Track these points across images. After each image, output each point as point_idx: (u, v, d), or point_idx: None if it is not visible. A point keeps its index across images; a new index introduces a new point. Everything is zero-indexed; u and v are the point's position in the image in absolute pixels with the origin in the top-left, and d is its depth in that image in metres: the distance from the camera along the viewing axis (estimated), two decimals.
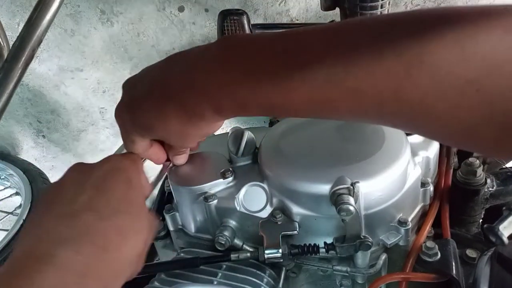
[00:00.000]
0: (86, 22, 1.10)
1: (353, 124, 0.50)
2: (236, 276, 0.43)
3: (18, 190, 1.18)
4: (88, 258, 0.27)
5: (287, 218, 0.43)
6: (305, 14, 1.07)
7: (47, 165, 1.44)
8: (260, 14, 1.07)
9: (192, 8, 1.07)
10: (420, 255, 0.43)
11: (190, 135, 0.35)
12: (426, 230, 0.46)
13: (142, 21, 1.09)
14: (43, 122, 1.33)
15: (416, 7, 1.04)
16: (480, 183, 0.48)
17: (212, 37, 1.11)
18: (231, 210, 0.45)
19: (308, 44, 0.27)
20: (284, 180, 0.42)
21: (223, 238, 0.44)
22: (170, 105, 0.32)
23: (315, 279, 0.48)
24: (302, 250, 0.43)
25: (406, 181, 0.44)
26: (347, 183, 0.39)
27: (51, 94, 1.25)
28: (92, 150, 1.40)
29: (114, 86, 1.21)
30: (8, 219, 1.20)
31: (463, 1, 1.02)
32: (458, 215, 0.49)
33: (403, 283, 0.41)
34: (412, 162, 0.45)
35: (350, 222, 0.40)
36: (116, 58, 1.16)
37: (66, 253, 0.27)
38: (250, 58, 0.28)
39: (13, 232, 0.97)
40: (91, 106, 1.28)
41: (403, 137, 0.46)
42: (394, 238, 0.43)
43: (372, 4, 0.58)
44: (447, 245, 0.43)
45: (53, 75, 1.21)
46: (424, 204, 0.48)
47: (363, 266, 0.44)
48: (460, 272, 0.41)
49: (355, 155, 0.43)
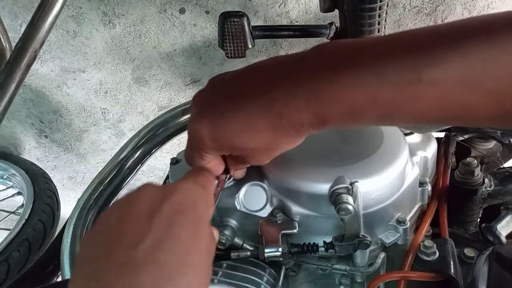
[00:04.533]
0: (88, 24, 1.10)
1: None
2: (236, 275, 0.43)
3: (20, 189, 1.19)
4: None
5: (287, 217, 0.43)
6: (305, 16, 1.08)
7: (49, 165, 1.45)
8: (260, 16, 1.08)
9: (193, 10, 1.07)
10: (418, 254, 0.43)
11: (277, 149, 0.33)
12: (424, 229, 0.46)
13: (143, 23, 1.10)
14: (45, 123, 1.34)
15: (414, 9, 1.04)
16: (478, 183, 0.48)
17: (213, 39, 1.12)
18: (231, 209, 0.45)
19: (436, 38, 0.24)
20: (284, 180, 0.43)
21: (223, 237, 0.45)
22: (264, 116, 0.29)
23: (315, 278, 0.49)
24: (302, 249, 0.43)
25: (405, 181, 0.44)
26: (346, 183, 0.39)
27: (53, 94, 1.26)
28: (94, 150, 1.41)
29: (116, 87, 1.22)
30: (10, 219, 1.20)
31: (462, 2, 1.02)
32: (456, 215, 0.50)
33: (401, 282, 0.41)
34: (410, 162, 0.46)
35: (349, 221, 0.40)
36: (118, 59, 1.17)
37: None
38: (364, 61, 0.26)
39: (15, 232, 0.97)
40: (93, 107, 1.28)
41: (401, 137, 0.47)
42: (392, 237, 0.44)
43: (371, 6, 0.59)
44: (445, 244, 0.44)
45: (55, 76, 1.21)
46: (422, 203, 0.49)
47: (362, 265, 0.44)
48: (458, 271, 0.41)
49: (354, 155, 0.43)
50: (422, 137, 0.51)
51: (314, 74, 0.27)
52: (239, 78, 0.32)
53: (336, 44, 0.28)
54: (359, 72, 0.26)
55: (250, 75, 0.31)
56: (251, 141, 0.31)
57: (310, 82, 0.27)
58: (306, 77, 0.28)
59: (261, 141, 0.31)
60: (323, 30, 0.71)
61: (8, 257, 0.91)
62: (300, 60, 0.29)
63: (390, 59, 0.25)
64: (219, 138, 0.32)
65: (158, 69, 1.18)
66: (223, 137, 0.32)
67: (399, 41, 0.26)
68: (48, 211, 1.06)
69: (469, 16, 0.26)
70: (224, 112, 0.31)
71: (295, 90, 0.28)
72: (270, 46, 1.13)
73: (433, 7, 1.04)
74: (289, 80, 0.28)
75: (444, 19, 1.05)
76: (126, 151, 0.72)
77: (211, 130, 0.32)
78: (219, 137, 0.32)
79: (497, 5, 1.02)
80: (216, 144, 0.32)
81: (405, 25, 1.07)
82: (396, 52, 0.25)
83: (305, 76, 0.28)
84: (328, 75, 0.27)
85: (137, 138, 0.73)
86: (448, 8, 1.03)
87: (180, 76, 1.21)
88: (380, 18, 0.61)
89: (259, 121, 0.29)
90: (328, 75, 0.27)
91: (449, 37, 0.24)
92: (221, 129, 0.31)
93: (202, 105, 0.33)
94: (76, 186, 1.52)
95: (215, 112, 0.31)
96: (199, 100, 0.34)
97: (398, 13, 1.05)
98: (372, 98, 0.26)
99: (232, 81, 0.32)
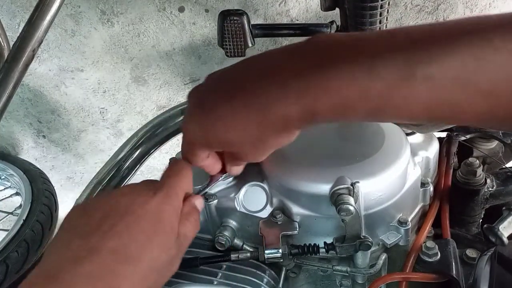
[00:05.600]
0: (86, 23, 1.10)
1: (353, 124, 0.50)
2: (236, 276, 0.43)
3: (18, 190, 1.18)
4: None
5: (287, 218, 0.43)
6: (305, 15, 1.07)
7: (47, 165, 1.44)
8: (260, 15, 1.07)
9: (192, 8, 1.07)
10: (420, 255, 0.43)
11: (267, 144, 0.32)
12: (426, 230, 0.46)
13: (142, 21, 1.10)
14: (44, 122, 1.33)
15: (415, 7, 1.04)
16: (480, 183, 0.48)
17: (212, 38, 1.11)
18: (231, 210, 0.45)
19: (431, 35, 0.24)
20: (284, 180, 0.42)
21: (223, 238, 0.44)
22: (251, 109, 0.29)
23: (315, 279, 0.48)
24: (302, 250, 0.43)
25: (406, 181, 0.44)
26: (347, 183, 0.39)
27: (52, 94, 1.26)
28: (92, 150, 1.40)
29: (114, 86, 1.21)
30: (8, 219, 1.20)
31: (464, 1, 1.02)
32: (458, 215, 0.49)
33: (403, 283, 0.41)
34: (412, 162, 0.45)
35: (350, 222, 0.40)
36: (117, 59, 1.16)
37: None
38: (357, 55, 0.26)
39: (13, 232, 0.97)
40: (92, 106, 1.28)
41: (403, 137, 0.46)
42: (394, 238, 0.43)
43: (372, 4, 0.58)
44: (447, 245, 0.43)
45: (54, 75, 1.21)
46: (424, 204, 0.48)
47: (363, 266, 0.44)
48: (460, 272, 0.41)
49: (355, 155, 0.43)
50: (424, 137, 0.51)
51: (306, 66, 0.27)
52: (232, 72, 0.32)
53: (329, 37, 0.28)
54: (352, 66, 0.26)
55: (244, 69, 0.31)
56: (238, 137, 0.31)
57: (302, 74, 0.27)
58: (297, 69, 0.27)
59: (248, 137, 0.30)
60: (324, 29, 0.70)
61: (6, 258, 0.91)
62: (294, 52, 0.29)
63: (385, 54, 0.25)
64: (207, 133, 0.32)
65: (157, 68, 1.17)
66: (211, 133, 0.32)
67: (393, 36, 0.26)
68: (46, 212, 1.05)
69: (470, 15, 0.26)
70: (213, 107, 0.31)
71: (286, 82, 0.28)
72: (270, 45, 1.12)
73: (435, 6, 1.03)
74: (280, 72, 0.28)
75: (445, 18, 1.05)
76: (125, 151, 0.71)
77: (200, 125, 0.32)
78: (207, 132, 0.32)
79: (498, 4, 1.01)
80: (206, 140, 0.33)
81: (406, 24, 1.07)
82: (390, 47, 0.25)
83: (296, 68, 0.27)
84: (321, 67, 0.26)
85: (136, 138, 0.73)
86: (450, 7, 1.03)
87: (179, 75, 1.20)
88: (382, 17, 0.61)
89: (245, 115, 0.29)
90: (320, 68, 0.26)
91: (444, 34, 0.24)
92: (209, 124, 0.31)
93: (195, 100, 0.33)
94: (74, 186, 1.51)
95: (205, 107, 0.31)
96: (192, 95, 0.34)
97: (399, 12, 1.05)
98: (364, 92, 0.25)
99: (225, 75, 0.32)
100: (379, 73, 0.25)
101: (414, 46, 0.24)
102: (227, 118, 0.30)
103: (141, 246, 0.30)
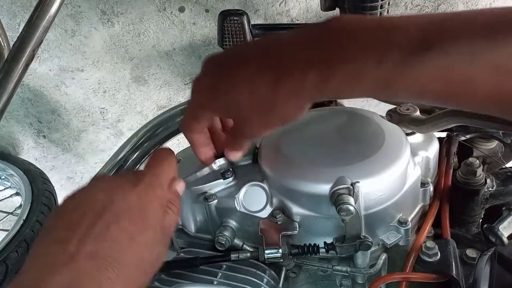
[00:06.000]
0: (86, 23, 1.10)
1: (353, 124, 0.50)
2: (236, 276, 0.43)
3: (19, 190, 1.18)
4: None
5: (287, 218, 0.43)
6: (305, 15, 1.07)
7: (48, 165, 1.44)
8: (260, 15, 1.07)
9: (193, 8, 1.07)
10: (420, 255, 0.43)
11: (275, 112, 0.31)
12: (426, 230, 0.46)
13: (142, 21, 1.10)
14: (44, 122, 1.33)
15: (415, 7, 1.04)
16: (480, 183, 0.48)
17: (213, 38, 1.11)
18: (231, 210, 0.45)
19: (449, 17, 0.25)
20: (284, 180, 0.42)
21: (223, 238, 0.44)
22: (268, 69, 0.29)
23: (315, 279, 0.48)
24: (302, 250, 0.43)
25: (406, 181, 0.44)
26: (347, 183, 0.39)
27: (52, 94, 1.26)
28: (92, 150, 1.40)
29: (114, 86, 1.21)
30: (8, 219, 1.20)
31: (464, 1, 1.02)
32: (458, 215, 0.49)
33: (403, 283, 0.41)
34: (412, 162, 0.45)
35: (350, 222, 0.40)
36: (117, 59, 1.16)
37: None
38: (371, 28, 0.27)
39: (13, 232, 0.97)
40: (92, 106, 1.28)
41: (403, 137, 0.46)
42: (394, 238, 0.43)
43: (372, 4, 0.58)
44: (447, 245, 0.43)
45: (54, 75, 1.21)
46: (424, 204, 0.48)
47: (363, 266, 0.44)
48: (460, 272, 0.41)
49: (355, 155, 0.43)
50: (424, 137, 0.51)
51: (320, 39, 0.28)
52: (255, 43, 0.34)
53: (345, 17, 0.29)
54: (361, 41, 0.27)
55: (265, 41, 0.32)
56: (249, 100, 0.31)
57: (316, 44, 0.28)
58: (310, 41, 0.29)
59: (258, 100, 0.31)
60: None
61: (6, 258, 0.91)
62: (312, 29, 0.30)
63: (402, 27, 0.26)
64: (218, 93, 0.32)
65: (157, 68, 1.17)
66: (223, 92, 0.32)
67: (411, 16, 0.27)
68: (46, 212, 1.05)
69: None
70: (229, 69, 0.31)
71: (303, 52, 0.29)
72: None
73: (435, 6, 1.03)
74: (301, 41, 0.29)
75: None
76: (125, 151, 0.71)
77: (212, 87, 0.32)
78: (218, 92, 0.32)
79: (498, 4, 1.01)
80: (215, 102, 0.33)
81: None
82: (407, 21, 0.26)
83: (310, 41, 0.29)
84: (335, 42, 0.28)
85: (136, 138, 0.73)
86: (450, 6, 1.03)
87: (179, 75, 1.20)
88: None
89: (261, 73, 0.30)
90: (335, 42, 0.28)
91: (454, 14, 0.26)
92: (222, 83, 0.32)
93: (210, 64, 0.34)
94: (75, 186, 1.50)
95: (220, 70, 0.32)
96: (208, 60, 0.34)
97: (399, 12, 1.05)
98: (378, 62, 0.26)
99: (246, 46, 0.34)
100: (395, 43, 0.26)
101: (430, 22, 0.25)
102: (242, 78, 0.31)
103: (124, 247, 0.27)
